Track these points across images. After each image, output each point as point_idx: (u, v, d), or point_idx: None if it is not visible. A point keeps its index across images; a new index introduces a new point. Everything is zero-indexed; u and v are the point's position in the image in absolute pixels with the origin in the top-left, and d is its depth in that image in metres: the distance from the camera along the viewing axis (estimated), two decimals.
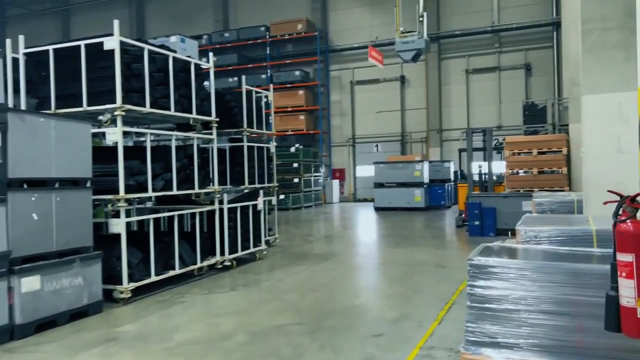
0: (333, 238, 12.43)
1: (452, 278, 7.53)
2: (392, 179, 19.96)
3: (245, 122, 10.16)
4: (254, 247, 9.45)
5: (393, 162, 20.42)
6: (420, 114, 25.33)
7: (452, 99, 24.90)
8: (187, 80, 7.87)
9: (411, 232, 13.18)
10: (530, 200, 12.20)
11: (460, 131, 24.77)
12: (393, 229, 13.98)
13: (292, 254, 10.21)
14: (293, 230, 14.23)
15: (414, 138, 25.68)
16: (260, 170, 10.80)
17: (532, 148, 12.52)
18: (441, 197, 20.26)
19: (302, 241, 12.01)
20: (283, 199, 21.47)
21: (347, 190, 26.82)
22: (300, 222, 16.84)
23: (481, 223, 11.93)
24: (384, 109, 25.89)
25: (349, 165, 26.83)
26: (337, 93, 26.85)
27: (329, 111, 26.84)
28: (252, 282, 7.76)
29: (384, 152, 25.55)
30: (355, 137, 26.63)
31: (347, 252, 10.28)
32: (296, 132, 25.72)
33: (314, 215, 18.98)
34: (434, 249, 10.34)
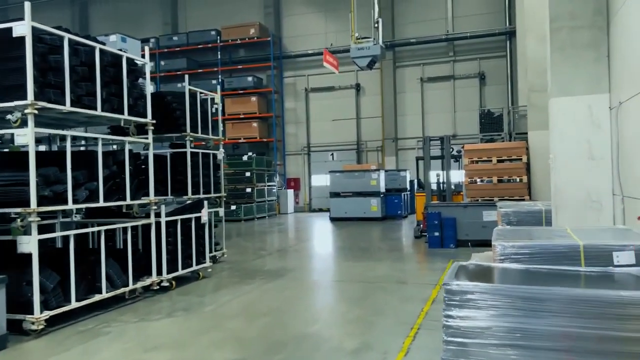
0: (287, 252, 11.61)
1: (415, 297, 6.86)
2: (348, 188, 19.35)
3: (188, 126, 9.25)
4: (198, 265, 8.52)
5: (349, 170, 19.83)
6: (375, 122, 24.93)
7: (407, 107, 24.64)
8: (117, 76, 6.92)
9: (369, 244, 12.53)
10: (491, 210, 11.81)
11: (416, 140, 24.49)
12: (350, 241, 13.29)
13: (241, 270, 9.32)
14: (244, 244, 13.32)
15: (369, 147, 25.24)
16: (205, 179, 9.89)
17: (492, 156, 12.14)
18: (398, 206, 19.80)
19: (254, 256, 11.13)
20: (234, 209, 20.49)
21: (302, 200, 26.06)
22: (253, 234, 15.93)
23: (441, 234, 11.40)
24: (340, 117, 25.35)
25: (304, 175, 26.10)
26: (292, 100, 26.13)
27: (283, 119, 26.07)
28: (193, 305, 6.84)
29: (339, 161, 24.96)
30: (310, 146, 25.95)
31: (301, 267, 9.49)
32: (249, 139, 24.80)
33: (268, 227, 18.09)
34: (394, 263, 9.69)
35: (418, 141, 24.57)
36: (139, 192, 7.37)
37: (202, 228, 8.71)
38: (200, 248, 8.65)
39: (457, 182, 14.63)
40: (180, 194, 9.32)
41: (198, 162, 9.62)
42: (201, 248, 8.69)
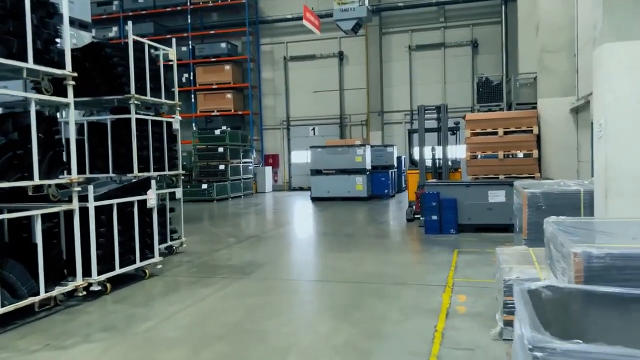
0: (260, 239, 9.90)
1: (421, 306, 5.22)
2: (331, 165, 17.63)
3: (133, 87, 7.38)
4: (143, 260, 6.76)
5: (332, 146, 18.08)
6: (360, 94, 23.13)
7: (394, 77, 22.86)
8: (16, 9, 5.02)
9: (355, 229, 10.87)
10: (498, 189, 10.23)
11: (403, 113, 22.85)
12: (334, 225, 11.62)
13: (201, 265, 7.58)
14: (212, 229, 11.56)
15: (353, 121, 23.47)
16: (157, 154, 8.08)
17: (498, 127, 10.49)
18: (385, 185, 18.17)
19: (220, 244, 9.39)
20: (206, 188, 18.67)
21: (281, 178, 24.29)
22: (224, 217, 14.15)
23: (440, 218, 9.79)
24: (321, 88, 23.49)
25: (283, 151, 24.27)
26: (269, 70, 24.13)
27: (260, 90, 24.09)
28: (124, 321, 5.09)
29: (321, 136, 23.19)
30: (289, 119, 24.07)
31: (275, 260, 7.78)
32: (223, 112, 22.82)
33: (242, 208, 16.32)
34: (386, 253, 8.05)
35: (405, 115, 22.94)
36: (54, 169, 5.53)
37: (150, 214, 6.92)
38: (146, 239, 6.88)
39: (454, 158, 12.99)
40: (126, 171, 7.51)
41: (147, 132, 7.79)
42: (148, 239, 6.92)
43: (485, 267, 6.85)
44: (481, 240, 8.98)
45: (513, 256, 4.90)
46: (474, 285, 5.94)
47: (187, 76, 23.19)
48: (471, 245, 8.56)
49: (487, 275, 6.41)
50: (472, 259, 7.42)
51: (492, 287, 5.74)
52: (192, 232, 10.99)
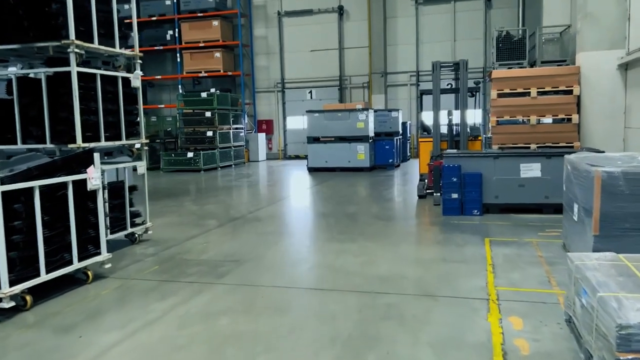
0: (246, 222, 8.28)
1: (462, 338, 3.62)
2: (330, 132, 15.89)
3: (72, 31, 5.60)
4: (84, 259, 5.13)
5: (331, 110, 16.28)
6: (361, 53, 21.17)
7: (399, 35, 20.88)
8: None
9: (359, 208, 9.24)
10: (533, 162, 8.55)
11: (408, 74, 20.99)
12: (333, 203, 10.00)
13: (165, 262, 5.97)
14: (192, 207, 9.92)
15: (354, 83, 21.59)
16: (111, 118, 6.35)
17: (531, 86, 8.76)
18: (389, 154, 16.47)
19: (197, 229, 7.76)
20: (192, 157, 16.95)
21: (275, 145, 22.55)
22: (209, 190, 12.51)
23: (461, 196, 8.16)
24: (319, 47, 21.51)
25: (278, 116, 22.46)
26: (262, 26, 22.07)
27: (252, 48, 22.09)
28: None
29: (319, 100, 21.37)
30: (284, 81, 22.17)
31: (260, 255, 6.16)
32: (211, 73, 20.90)
33: (230, 180, 14.66)
34: (400, 244, 6.44)
35: (411, 76, 21.07)
36: None
37: (93, 198, 5.25)
38: (89, 231, 5.23)
39: (473, 124, 11.26)
40: (67, 141, 5.80)
41: (96, 91, 6.05)
42: (91, 230, 5.27)
43: (531, 266, 5.25)
44: (514, 224, 7.37)
45: (604, 271, 3.27)
46: (527, 300, 4.34)
47: (171, 33, 21.18)
48: (503, 231, 6.95)
49: (537, 280, 4.82)
50: (511, 253, 5.81)
51: (550, 303, 4.18)
52: (167, 211, 9.37)
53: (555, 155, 7.99)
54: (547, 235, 6.68)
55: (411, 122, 20.56)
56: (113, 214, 6.43)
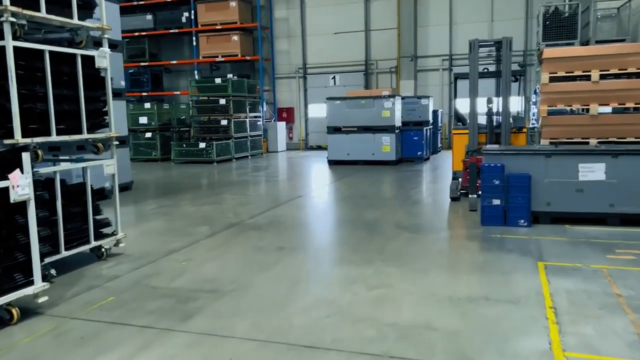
0: (242, 230, 6.98)
1: None
2: (352, 122, 14.45)
3: None
4: (5, 294, 3.90)
5: (353, 97, 14.82)
6: (389, 36, 19.56)
7: (431, 16, 19.18)
8: None
9: (380, 213, 7.83)
10: (594, 161, 6.96)
11: (441, 58, 19.31)
12: (351, 205, 8.62)
13: (125, 289, 4.72)
14: (186, 208, 8.69)
15: (381, 68, 20.03)
16: (67, 106, 5.11)
17: (592, 68, 7.16)
18: (417, 145, 14.95)
19: (182, 239, 6.50)
20: (204, 147, 15.76)
21: (296, 135, 21.23)
22: (213, 186, 11.28)
23: (505, 202, 6.67)
24: (344, 29, 20.00)
25: (299, 103, 21.10)
26: (283, 8, 20.66)
27: (272, 31, 20.72)
28: None
29: (342, 86, 19.92)
30: (306, 67, 20.76)
31: (245, 284, 4.84)
32: (229, 58, 19.63)
33: (242, 174, 13.42)
34: (429, 272, 5.02)
35: (443, 60, 19.36)
36: None
37: (22, 211, 4.01)
38: (15, 255, 4.00)
39: (516, 113, 9.68)
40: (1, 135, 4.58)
41: (44, 72, 4.80)
42: (19, 254, 4.03)
43: (609, 313, 3.79)
44: (572, 240, 5.87)
45: None
46: None
47: (187, 15, 19.96)
48: (561, 251, 5.46)
49: (623, 340, 3.38)
50: (576, 288, 4.35)
51: None
52: (158, 214, 8.15)
53: (625, 154, 6.42)
54: (619, 259, 5.17)
55: (443, 110, 18.93)
56: (71, 225, 5.21)
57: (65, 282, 4.85)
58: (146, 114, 16.89)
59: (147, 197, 9.74)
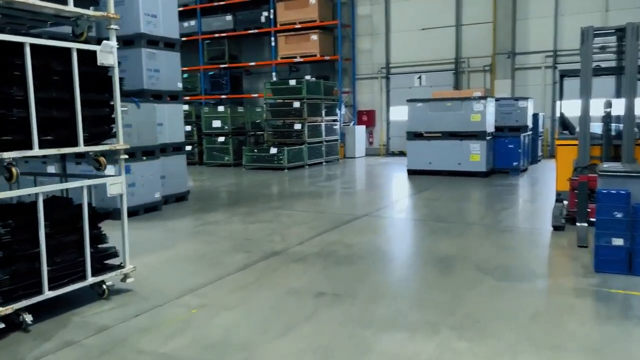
0: (281, 262, 5.78)
1: None
2: (436, 126, 12.81)
3: None
4: None
5: (437, 99, 13.16)
6: (483, 30, 17.57)
7: (532, 6, 16.94)
8: None
9: (460, 245, 6.29)
10: None
11: (543, 55, 16.99)
12: (424, 231, 7.15)
13: (102, 354, 3.65)
14: (234, 225, 7.66)
15: (473, 66, 18.06)
16: (57, 112, 4.17)
17: None
18: (513, 154, 12.97)
19: (207, 271, 5.42)
20: (275, 154, 14.83)
21: (377, 140, 19.78)
22: (273, 198, 10.23)
23: (631, 243, 4.90)
24: (432, 24, 18.27)
25: (381, 106, 19.64)
26: (366, 4, 19.31)
27: (353, 29, 19.45)
28: None
29: (429, 87, 18.18)
30: (390, 66, 19.26)
31: (255, 356, 3.60)
32: (307, 58, 18.63)
33: (309, 184, 12.28)
34: (518, 355, 3.50)
35: (546, 57, 17.01)
36: None
37: None
38: None
39: None
40: None
41: (25, 71, 3.87)
42: None
43: None
44: None
45: None
46: None
47: (266, 15, 19.23)
48: None
49: None
50: None
51: None
52: (200, 232, 7.17)
53: None
54: None
55: (545, 113, 16.65)
56: (62, 257, 4.26)
57: (42, 331, 3.89)
58: (220, 118, 16.30)
59: (198, 211, 8.87)
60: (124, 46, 9.18)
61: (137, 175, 8.36)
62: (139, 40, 8.96)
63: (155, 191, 8.84)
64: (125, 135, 8.18)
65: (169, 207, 9.11)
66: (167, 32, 9.45)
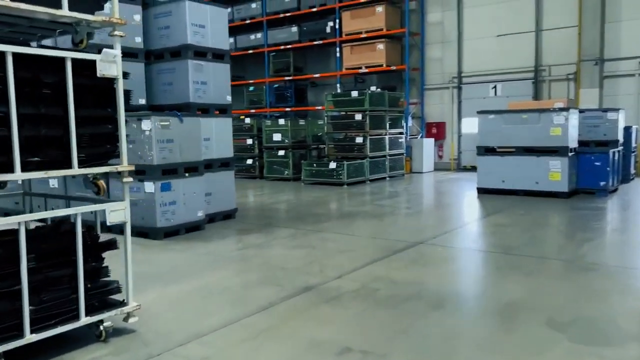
0: (322, 301, 5.03)
1: None
2: (510, 141, 11.56)
3: None
4: None
5: (512, 111, 11.90)
6: (567, 35, 16.00)
7: (624, 8, 15.20)
8: None
9: (532, 288, 5.23)
10: None
11: (637, 61, 15.16)
12: (491, 265, 6.14)
13: None
14: (275, 250, 7.00)
15: (555, 74, 16.48)
16: (47, 130, 3.67)
17: None
18: (600, 173, 11.41)
19: (228, 310, 4.78)
20: (334, 168, 14.13)
21: (447, 153, 18.57)
22: (324, 218, 9.49)
23: None
24: (508, 30, 16.92)
25: (452, 117, 18.43)
26: (437, 10, 18.26)
27: (422, 37, 18.45)
28: None
29: (505, 97, 16.80)
30: (462, 75, 18.05)
31: None
32: (372, 68, 17.87)
33: (367, 201, 11.45)
34: None
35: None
36: None
37: None
38: None
39: None
40: None
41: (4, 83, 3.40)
42: None
43: None
44: None
45: None
46: None
47: (331, 25, 18.71)
48: None
49: None
50: None
51: None
52: (234, 258, 6.55)
53: None
54: None
55: (638, 126, 14.79)
56: (49, 294, 3.75)
57: None
58: (280, 131, 15.86)
59: (242, 231, 8.31)
60: (172, 58, 8.90)
61: (178, 193, 7.94)
62: (185, 52, 8.61)
63: (198, 209, 8.37)
64: (166, 151, 7.87)
65: (213, 226, 8.63)
66: (215, 42, 9.05)
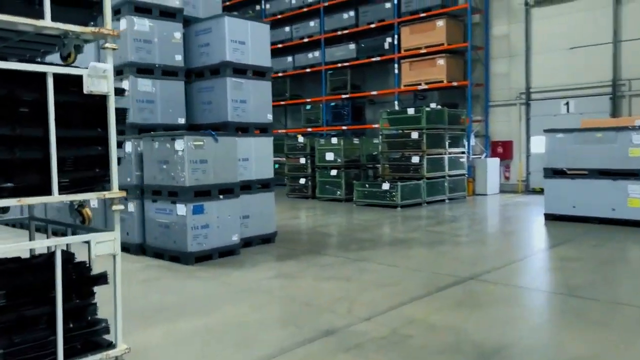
0: (342, 349, 4.39)
1: None
2: (582, 162, 10.38)
3: None
4: None
5: (584, 129, 10.71)
6: None
7: None
8: None
9: (604, 347, 4.32)
10: None
11: None
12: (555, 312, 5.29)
13: None
14: (304, 280, 6.42)
15: (635, 89, 14.94)
16: (21, 152, 3.31)
17: None
18: None
19: (231, 357, 4.20)
20: (388, 190, 13.39)
21: (514, 174, 17.27)
22: (368, 245, 8.78)
23: None
24: (582, 42, 15.58)
25: (520, 136, 17.16)
26: (503, 22, 17.19)
27: (487, 51, 17.41)
28: None
29: (579, 114, 15.41)
30: (530, 91, 16.80)
31: None
32: (432, 84, 17.02)
33: (419, 227, 10.62)
34: None
35: None
36: None
37: None
38: None
39: None
40: None
41: None
42: None
43: None
44: None
45: None
46: None
47: (390, 41, 18.11)
48: None
49: None
50: None
51: None
52: (257, 289, 6.02)
53: None
54: None
55: None
56: (21, 336, 3.35)
57: None
58: (333, 150, 15.35)
59: (278, 257, 7.80)
60: (211, 76, 8.64)
61: (211, 216, 7.56)
62: (224, 69, 8.32)
63: (233, 233, 7.95)
64: (199, 171, 7.50)
65: (249, 251, 8.18)
66: (256, 59, 8.71)
